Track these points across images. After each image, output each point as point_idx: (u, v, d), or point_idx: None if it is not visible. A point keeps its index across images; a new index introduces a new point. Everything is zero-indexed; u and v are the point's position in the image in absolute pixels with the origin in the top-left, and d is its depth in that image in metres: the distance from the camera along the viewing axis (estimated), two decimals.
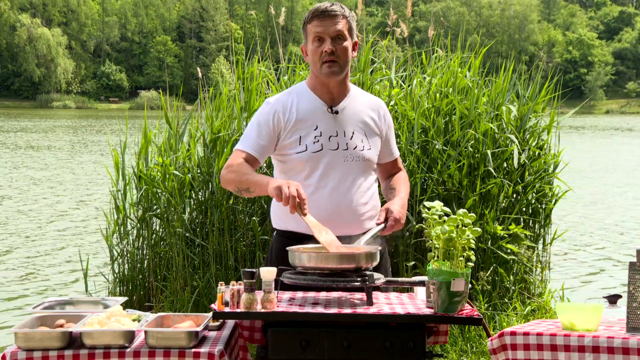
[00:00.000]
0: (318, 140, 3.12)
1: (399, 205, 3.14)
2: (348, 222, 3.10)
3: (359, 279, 2.74)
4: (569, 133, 35.74)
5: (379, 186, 3.36)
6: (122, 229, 5.78)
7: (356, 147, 3.16)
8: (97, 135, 34.38)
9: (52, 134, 35.12)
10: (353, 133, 3.17)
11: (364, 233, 3.08)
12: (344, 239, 2.99)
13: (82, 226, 11.66)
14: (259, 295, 2.72)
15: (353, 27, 3.17)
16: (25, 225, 11.73)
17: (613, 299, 2.95)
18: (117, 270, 5.80)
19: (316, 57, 3.12)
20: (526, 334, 2.73)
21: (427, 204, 2.79)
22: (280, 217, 3.20)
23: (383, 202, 3.27)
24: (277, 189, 2.86)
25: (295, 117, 3.14)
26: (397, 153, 3.40)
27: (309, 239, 2.99)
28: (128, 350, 2.66)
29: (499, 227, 5.46)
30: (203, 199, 5.64)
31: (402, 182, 3.32)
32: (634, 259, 2.73)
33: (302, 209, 2.86)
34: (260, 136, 3.14)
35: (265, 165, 5.47)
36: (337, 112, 3.16)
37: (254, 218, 5.44)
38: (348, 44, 3.13)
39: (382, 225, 3.06)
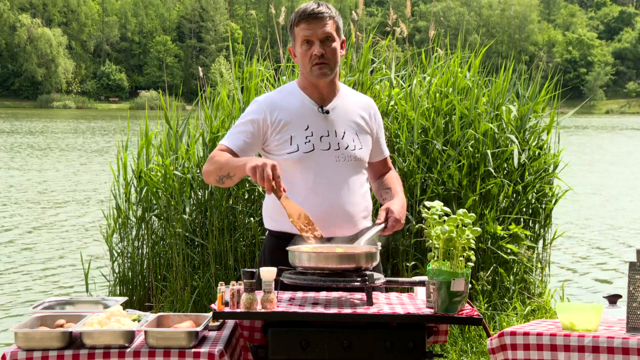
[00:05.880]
0: (309, 141, 3.09)
1: (399, 205, 3.13)
2: (340, 223, 3.08)
3: (359, 279, 2.74)
4: (570, 133, 35.72)
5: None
6: (122, 229, 5.78)
7: (348, 146, 3.14)
8: (98, 136, 34.38)
9: (53, 134, 35.10)
10: (344, 133, 3.15)
11: (357, 233, 3.08)
12: (341, 240, 2.99)
13: (83, 226, 11.66)
14: (259, 295, 2.72)
15: (340, 26, 3.15)
16: (26, 224, 11.73)
17: (613, 299, 2.95)
18: (117, 270, 5.80)
19: (306, 59, 3.10)
20: (526, 334, 2.72)
21: (427, 204, 2.78)
22: (274, 218, 3.16)
23: (374, 201, 3.25)
24: (252, 169, 2.83)
25: (285, 117, 3.11)
26: (387, 152, 3.39)
27: (302, 240, 2.99)
28: (128, 350, 2.66)
29: (499, 227, 5.46)
30: (203, 199, 5.64)
31: (396, 182, 3.30)
32: (634, 259, 2.73)
33: (278, 190, 2.82)
34: (245, 133, 3.11)
35: None
36: (327, 112, 3.15)
37: (251, 218, 5.44)
38: (337, 44, 3.12)
39: (383, 225, 3.05)
